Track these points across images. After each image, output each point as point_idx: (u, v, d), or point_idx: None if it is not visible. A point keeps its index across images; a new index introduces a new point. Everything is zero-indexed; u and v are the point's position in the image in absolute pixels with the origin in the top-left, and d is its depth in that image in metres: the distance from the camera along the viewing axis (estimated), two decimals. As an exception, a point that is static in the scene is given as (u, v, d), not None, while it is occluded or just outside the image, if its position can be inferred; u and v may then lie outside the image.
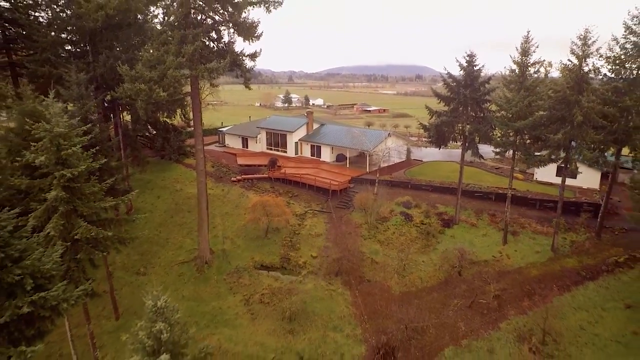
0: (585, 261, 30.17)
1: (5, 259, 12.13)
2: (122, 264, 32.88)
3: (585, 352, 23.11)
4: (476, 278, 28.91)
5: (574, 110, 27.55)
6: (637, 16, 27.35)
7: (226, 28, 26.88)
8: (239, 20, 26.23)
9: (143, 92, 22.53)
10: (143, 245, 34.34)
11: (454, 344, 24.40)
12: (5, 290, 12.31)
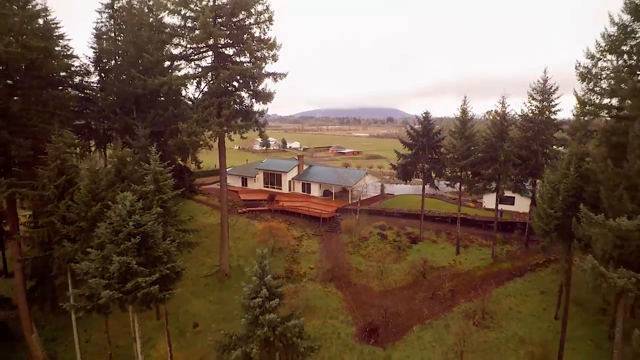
0: (516, 264, 40.39)
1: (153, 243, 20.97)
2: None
3: (511, 323, 32.63)
4: (436, 279, 38.33)
5: (499, 152, 38.47)
6: (536, 88, 39.27)
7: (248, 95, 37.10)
8: (258, 90, 36.48)
9: (195, 142, 31.85)
10: (172, 264, 42.43)
11: (420, 323, 33.49)
12: (152, 261, 21.04)
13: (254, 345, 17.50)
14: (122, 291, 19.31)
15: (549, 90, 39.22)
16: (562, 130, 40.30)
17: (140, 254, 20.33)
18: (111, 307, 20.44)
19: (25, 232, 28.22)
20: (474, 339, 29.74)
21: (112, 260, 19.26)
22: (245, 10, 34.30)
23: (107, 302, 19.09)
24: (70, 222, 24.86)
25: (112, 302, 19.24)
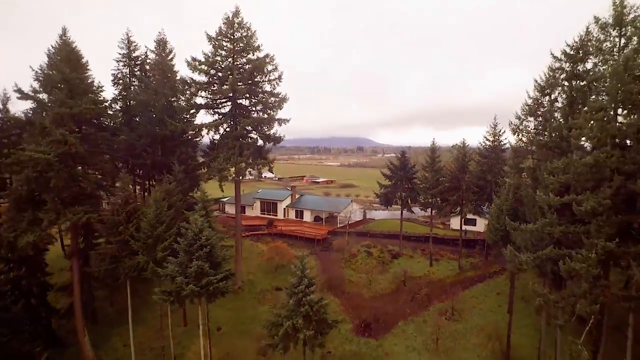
0: (478, 272, 49.80)
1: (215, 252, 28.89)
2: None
3: (474, 317, 41.54)
4: (414, 286, 47.10)
5: (461, 183, 48.41)
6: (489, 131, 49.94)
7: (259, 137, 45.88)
8: (269, 134, 45.31)
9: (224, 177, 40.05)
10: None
11: (404, 320, 41.93)
12: (214, 266, 28.88)
13: (299, 318, 25.48)
14: (198, 286, 27.02)
15: (499, 133, 49.87)
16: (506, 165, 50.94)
17: (208, 260, 28.16)
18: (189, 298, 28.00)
19: (99, 249, 34.98)
20: (446, 329, 38.54)
21: (190, 265, 27.09)
22: (261, 72, 43.45)
23: (188, 294, 26.75)
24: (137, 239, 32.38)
25: (192, 294, 26.90)
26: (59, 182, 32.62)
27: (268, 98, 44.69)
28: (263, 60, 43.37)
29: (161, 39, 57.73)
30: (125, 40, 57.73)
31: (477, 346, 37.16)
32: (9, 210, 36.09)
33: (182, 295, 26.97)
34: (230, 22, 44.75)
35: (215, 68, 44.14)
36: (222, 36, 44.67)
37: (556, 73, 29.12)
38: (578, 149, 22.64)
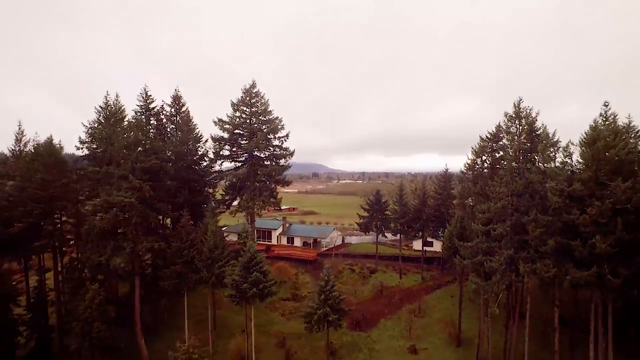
0: (436, 282, 65.22)
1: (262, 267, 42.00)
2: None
3: (435, 313, 56.46)
4: (390, 293, 61.59)
5: (422, 214, 64.09)
6: (438, 176, 66.35)
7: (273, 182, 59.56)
8: (279, 178, 59.16)
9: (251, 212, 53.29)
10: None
11: (384, 318, 56.14)
12: (265, 275, 41.91)
13: (327, 308, 39.00)
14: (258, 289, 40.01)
15: (449, 176, 66.43)
16: (455, 201, 67.41)
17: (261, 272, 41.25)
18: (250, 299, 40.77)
19: (168, 270, 46.55)
20: (415, 322, 53.21)
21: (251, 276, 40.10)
22: (275, 132, 57.68)
23: (251, 295, 39.63)
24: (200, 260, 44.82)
25: (253, 295, 39.80)
26: (138, 219, 44.77)
27: (278, 151, 58.79)
28: (277, 123, 57.68)
29: (176, 95, 70.60)
30: (143, 94, 70.26)
31: (438, 332, 52.09)
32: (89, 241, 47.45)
33: (247, 296, 39.80)
34: (248, 92, 58.95)
35: (238, 128, 57.83)
36: (242, 103, 58.68)
37: (485, 145, 45.49)
38: (494, 197, 38.35)
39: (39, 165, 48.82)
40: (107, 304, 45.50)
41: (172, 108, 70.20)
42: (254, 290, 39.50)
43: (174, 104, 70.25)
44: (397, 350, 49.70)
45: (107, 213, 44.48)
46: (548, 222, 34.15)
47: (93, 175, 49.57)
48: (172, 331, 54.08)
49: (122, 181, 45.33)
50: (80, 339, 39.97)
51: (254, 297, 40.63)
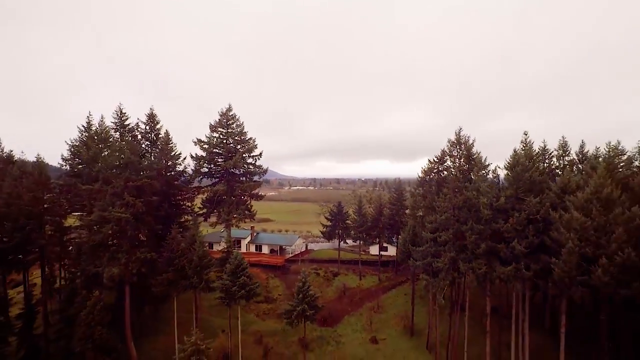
0: (391, 282, 74.23)
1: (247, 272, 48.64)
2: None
3: (392, 309, 65.24)
4: (351, 293, 69.73)
5: (379, 223, 72.96)
6: (392, 187, 75.66)
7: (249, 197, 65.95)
8: (254, 193, 65.75)
9: (230, 224, 59.42)
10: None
11: (347, 314, 64.16)
12: (250, 279, 48.52)
13: (304, 305, 46.20)
14: (245, 291, 46.52)
15: (401, 189, 75.85)
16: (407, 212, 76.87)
17: (247, 277, 47.82)
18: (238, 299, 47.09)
19: (160, 278, 51.57)
20: (375, 318, 61.62)
21: (239, 280, 46.59)
22: (250, 152, 64.36)
23: (239, 296, 46.07)
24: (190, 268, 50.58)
25: (241, 296, 46.25)
26: (133, 233, 49.98)
27: (252, 169, 65.49)
28: (252, 144, 64.45)
29: (151, 113, 75.22)
30: (118, 111, 74.41)
31: (394, 325, 60.78)
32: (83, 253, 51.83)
33: (236, 297, 46.29)
34: (225, 115, 65.27)
35: (216, 148, 63.93)
36: (219, 125, 64.90)
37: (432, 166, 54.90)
38: (440, 210, 47.46)
39: (29, 183, 52.57)
40: (106, 309, 50.22)
41: (147, 126, 74.87)
42: (242, 292, 46.03)
43: (149, 121, 74.92)
44: (360, 342, 57.74)
45: (103, 227, 49.26)
46: (481, 230, 43.49)
47: (86, 192, 53.84)
48: (156, 334, 59.19)
49: (116, 198, 50.24)
50: (83, 341, 44.52)
51: (242, 297, 47.11)
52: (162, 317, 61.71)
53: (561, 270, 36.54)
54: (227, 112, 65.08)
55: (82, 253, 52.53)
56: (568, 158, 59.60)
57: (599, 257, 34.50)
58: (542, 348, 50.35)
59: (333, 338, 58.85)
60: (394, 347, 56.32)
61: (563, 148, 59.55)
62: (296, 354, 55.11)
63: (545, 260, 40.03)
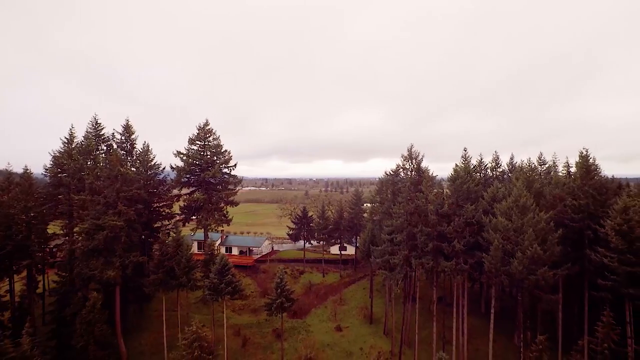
0: (351, 278, 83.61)
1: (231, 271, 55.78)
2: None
3: (352, 301, 74.48)
4: (317, 288, 78.28)
5: (340, 225, 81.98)
6: (352, 199, 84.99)
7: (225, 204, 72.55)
8: (229, 200, 72.52)
9: (209, 229, 65.78)
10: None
11: (314, 307, 72.65)
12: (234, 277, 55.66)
13: (282, 298, 54.00)
14: (230, 288, 53.60)
15: (360, 195, 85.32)
16: (365, 215, 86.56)
17: (231, 275, 54.88)
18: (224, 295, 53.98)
19: (151, 278, 57.12)
20: (339, 309, 70.54)
21: (225, 278, 53.63)
22: (227, 163, 71.17)
23: (226, 292, 53.08)
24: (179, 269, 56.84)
25: (227, 292, 53.29)
26: (127, 238, 55.62)
27: (228, 178, 72.32)
28: (228, 156, 71.28)
29: (127, 124, 79.76)
30: (94, 121, 78.51)
31: (356, 314, 69.98)
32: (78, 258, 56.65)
33: (223, 293, 53.29)
34: (202, 129, 71.55)
35: (194, 159, 70.16)
36: (197, 138, 71.16)
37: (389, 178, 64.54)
38: (395, 216, 56.99)
39: (19, 194, 56.88)
40: (104, 308, 55.46)
41: (123, 136, 79.38)
42: (228, 289, 53.16)
43: (125, 132, 79.47)
44: (326, 330, 66.33)
45: (97, 234, 54.44)
46: (429, 232, 53.37)
47: (79, 202, 58.53)
48: (141, 331, 64.72)
49: (109, 208, 55.64)
50: (85, 337, 49.85)
51: (228, 294, 54.18)
52: (147, 315, 67.20)
53: (490, 263, 46.96)
54: (204, 127, 71.38)
55: (74, 258, 57.29)
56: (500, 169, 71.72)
57: (516, 252, 45.12)
58: (477, 328, 61.39)
59: (303, 328, 67.01)
60: (356, 333, 65.35)
61: (495, 161, 71.60)
62: (271, 343, 62.74)
63: (479, 256, 50.46)
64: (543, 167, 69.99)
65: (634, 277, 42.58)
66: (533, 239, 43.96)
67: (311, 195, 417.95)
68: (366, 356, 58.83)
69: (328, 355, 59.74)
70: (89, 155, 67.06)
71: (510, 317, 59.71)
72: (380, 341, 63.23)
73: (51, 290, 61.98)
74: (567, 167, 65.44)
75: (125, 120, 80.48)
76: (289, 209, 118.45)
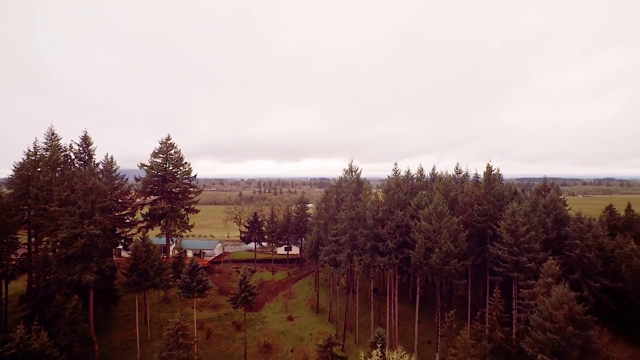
0: (298, 275, 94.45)
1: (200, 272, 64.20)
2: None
3: (301, 295, 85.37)
4: (268, 285, 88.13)
5: (288, 228, 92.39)
6: (298, 206, 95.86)
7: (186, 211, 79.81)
8: (190, 208, 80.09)
9: (172, 235, 72.99)
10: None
11: (267, 302, 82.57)
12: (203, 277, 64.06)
13: (246, 292, 63.35)
14: (201, 286, 61.96)
15: (305, 201, 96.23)
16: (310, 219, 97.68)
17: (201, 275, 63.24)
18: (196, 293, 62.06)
19: (126, 280, 63.25)
20: (289, 302, 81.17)
21: (196, 277, 61.98)
22: (188, 174, 78.76)
23: (197, 290, 61.34)
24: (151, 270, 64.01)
25: (198, 290, 61.56)
26: (103, 245, 61.93)
27: (189, 187, 79.92)
28: (189, 168, 78.89)
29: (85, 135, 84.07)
30: (50, 133, 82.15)
31: (304, 306, 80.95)
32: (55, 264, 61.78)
33: (194, 291, 61.58)
34: (165, 143, 78.45)
35: (157, 171, 76.96)
36: (160, 152, 77.98)
37: (332, 189, 76.12)
38: (340, 221, 68.62)
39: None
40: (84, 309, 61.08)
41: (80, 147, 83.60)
42: (199, 287, 61.59)
43: (83, 143, 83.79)
44: (280, 320, 76.57)
45: (74, 242, 60.15)
46: (367, 234, 65.58)
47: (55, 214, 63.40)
48: (110, 331, 70.49)
49: (84, 218, 61.51)
50: (69, 336, 55.77)
51: (199, 291, 62.55)
52: (114, 316, 73.04)
53: (415, 258, 59.97)
54: (166, 141, 78.22)
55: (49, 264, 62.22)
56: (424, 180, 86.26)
57: (435, 248, 58.53)
58: (406, 312, 75.00)
59: (259, 320, 76.69)
60: (305, 322, 76.27)
61: (420, 172, 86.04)
62: (232, 334, 71.75)
63: (407, 252, 63.46)
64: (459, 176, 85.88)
65: (518, 264, 57.49)
66: (447, 238, 57.47)
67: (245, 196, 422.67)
68: (315, 340, 69.81)
69: (283, 341, 69.91)
70: (56, 167, 71.36)
71: (432, 302, 74.01)
72: (326, 327, 74.60)
73: (24, 296, 65.93)
74: (476, 177, 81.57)
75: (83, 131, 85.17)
76: (234, 213, 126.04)
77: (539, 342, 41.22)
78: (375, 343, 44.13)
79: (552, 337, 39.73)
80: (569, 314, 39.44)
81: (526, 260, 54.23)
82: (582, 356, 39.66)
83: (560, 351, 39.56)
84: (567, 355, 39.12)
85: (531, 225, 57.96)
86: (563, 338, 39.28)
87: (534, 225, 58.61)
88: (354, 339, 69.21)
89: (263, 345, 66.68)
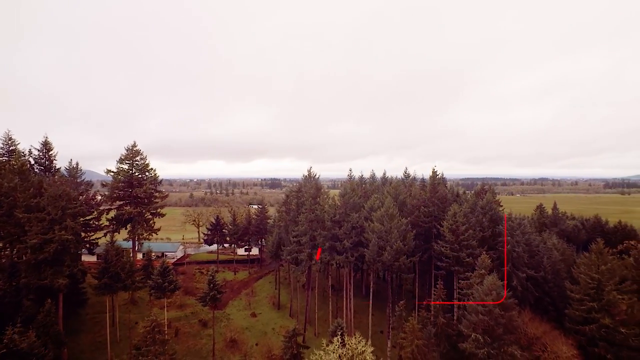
0: (259, 274, 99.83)
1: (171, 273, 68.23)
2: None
3: (262, 292, 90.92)
4: (231, 284, 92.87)
5: (249, 230, 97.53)
6: (259, 208, 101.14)
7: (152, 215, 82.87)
8: (156, 212, 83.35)
9: (141, 239, 76.12)
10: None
11: (231, 300, 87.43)
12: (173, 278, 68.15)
13: (214, 291, 68.12)
14: (172, 286, 66.09)
15: (265, 205, 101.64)
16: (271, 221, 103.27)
17: (171, 275, 67.31)
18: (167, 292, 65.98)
19: (98, 284, 65.75)
20: (252, 299, 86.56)
21: (167, 278, 66.07)
22: (155, 181, 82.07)
23: (168, 290, 65.42)
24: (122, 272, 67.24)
25: (169, 289, 65.64)
26: (75, 250, 64.58)
27: (155, 193, 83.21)
28: (154, 174, 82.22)
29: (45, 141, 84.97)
30: (7, 138, 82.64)
31: (266, 303, 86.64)
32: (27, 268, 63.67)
33: (166, 291, 65.65)
34: (131, 150, 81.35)
35: (124, 177, 79.73)
36: (126, 158, 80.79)
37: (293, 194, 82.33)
38: (300, 223, 74.95)
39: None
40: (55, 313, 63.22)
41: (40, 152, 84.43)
42: (171, 287, 65.76)
43: (43, 148, 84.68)
44: (244, 317, 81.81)
45: (46, 247, 62.40)
46: (326, 234, 72.38)
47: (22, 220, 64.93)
48: (78, 334, 72.71)
49: (54, 223, 63.83)
50: (43, 338, 58.20)
51: (170, 291, 66.65)
52: (81, 319, 75.17)
53: (369, 255, 67.43)
54: (132, 148, 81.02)
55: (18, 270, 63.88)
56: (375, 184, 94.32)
57: (386, 247, 66.28)
58: (361, 306, 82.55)
59: (224, 317, 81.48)
60: (268, 317, 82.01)
61: (372, 177, 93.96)
62: (199, 331, 76.19)
63: (361, 251, 70.88)
64: (408, 179, 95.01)
65: (459, 259, 66.36)
66: (397, 237, 65.37)
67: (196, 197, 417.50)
68: (277, 334, 75.78)
69: (247, 336, 75.33)
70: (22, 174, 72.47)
71: (384, 297, 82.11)
72: (287, 322, 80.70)
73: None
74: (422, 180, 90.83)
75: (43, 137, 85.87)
76: (192, 215, 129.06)
77: (473, 323, 49.81)
78: (335, 331, 50.87)
79: (483, 318, 48.37)
80: (496, 299, 48.20)
81: (465, 255, 63.16)
82: (506, 332, 48.68)
83: (489, 329, 48.27)
84: (494, 332, 47.90)
85: (470, 224, 67.01)
86: (491, 318, 47.99)
87: (472, 224, 67.76)
88: (314, 331, 75.85)
89: (229, 341, 71.63)
